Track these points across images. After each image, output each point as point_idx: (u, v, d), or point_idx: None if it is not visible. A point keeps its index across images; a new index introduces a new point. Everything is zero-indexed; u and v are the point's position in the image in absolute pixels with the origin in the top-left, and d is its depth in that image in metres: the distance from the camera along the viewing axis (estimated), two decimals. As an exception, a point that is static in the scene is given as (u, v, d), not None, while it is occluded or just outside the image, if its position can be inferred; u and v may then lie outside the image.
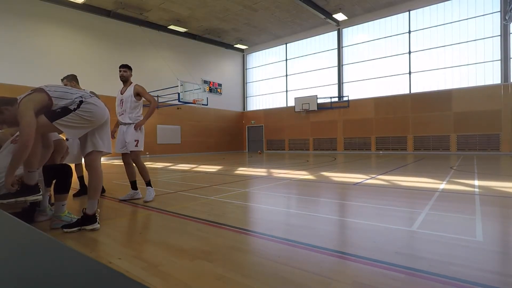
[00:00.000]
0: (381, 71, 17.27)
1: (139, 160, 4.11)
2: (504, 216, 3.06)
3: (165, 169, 9.06)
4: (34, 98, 2.37)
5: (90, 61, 14.79)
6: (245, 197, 4.29)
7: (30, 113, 2.30)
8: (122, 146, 4.09)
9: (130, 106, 4.06)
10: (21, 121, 2.27)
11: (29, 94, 2.40)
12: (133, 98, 4.07)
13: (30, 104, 2.32)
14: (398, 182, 5.49)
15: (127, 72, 4.16)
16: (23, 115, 2.28)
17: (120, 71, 4.14)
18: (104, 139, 2.75)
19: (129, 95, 4.07)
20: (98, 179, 2.72)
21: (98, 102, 2.67)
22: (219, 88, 21.44)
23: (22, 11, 12.74)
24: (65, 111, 2.47)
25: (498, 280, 1.64)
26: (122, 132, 4.11)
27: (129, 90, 4.10)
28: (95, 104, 2.60)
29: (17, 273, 0.60)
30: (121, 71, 4.14)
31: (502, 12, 13.67)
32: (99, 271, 0.60)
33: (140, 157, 4.15)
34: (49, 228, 2.73)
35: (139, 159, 4.12)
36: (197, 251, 2.13)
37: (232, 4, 15.38)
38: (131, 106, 4.06)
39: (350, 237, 2.49)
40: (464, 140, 14.70)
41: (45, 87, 2.50)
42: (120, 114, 4.13)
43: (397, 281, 1.64)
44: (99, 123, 2.66)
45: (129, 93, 4.08)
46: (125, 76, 4.15)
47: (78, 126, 2.53)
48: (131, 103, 4.06)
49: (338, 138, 18.70)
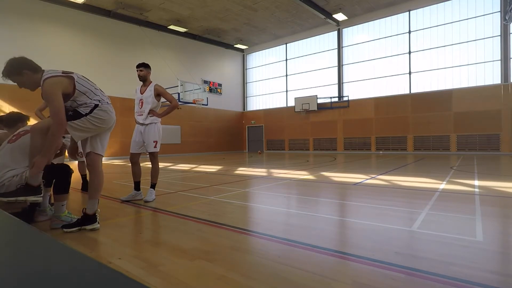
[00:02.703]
0: (381, 71, 17.27)
1: (156, 161, 4.07)
2: (504, 216, 3.06)
3: (165, 169, 9.06)
4: (63, 82, 2.41)
5: (90, 61, 14.79)
6: (245, 197, 4.29)
7: (59, 96, 2.34)
8: (140, 146, 4.00)
9: (151, 106, 3.96)
10: (52, 104, 2.31)
11: (58, 76, 2.42)
12: (154, 99, 3.97)
13: (59, 87, 2.37)
14: (398, 182, 5.49)
15: (144, 71, 4.02)
16: (53, 98, 2.31)
17: (137, 70, 4.03)
18: (104, 144, 2.79)
19: (149, 95, 3.97)
20: (98, 179, 2.74)
21: (111, 110, 2.71)
22: (219, 88, 21.44)
23: (22, 11, 12.75)
24: (76, 115, 2.51)
25: (498, 280, 1.64)
26: (140, 133, 4.00)
27: (149, 90, 3.99)
28: (107, 111, 2.65)
29: (17, 273, 0.60)
30: (138, 71, 4.03)
31: (502, 12, 13.67)
32: (99, 271, 0.60)
33: (158, 158, 4.12)
34: (49, 228, 2.72)
35: (156, 160, 4.07)
36: (197, 251, 2.13)
37: (232, 4, 15.38)
38: (151, 107, 3.97)
39: (350, 237, 2.49)
40: (464, 140, 14.70)
41: (76, 76, 2.52)
42: (139, 114, 4.02)
43: (397, 281, 1.64)
44: (104, 130, 2.72)
45: (149, 93, 3.98)
46: (142, 75, 4.03)
47: (85, 130, 2.57)
48: (152, 104, 3.97)
49: (338, 138, 18.70)
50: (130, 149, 4.10)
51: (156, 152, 4.03)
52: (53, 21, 13.65)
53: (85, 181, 4.85)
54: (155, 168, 4.09)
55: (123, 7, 14.96)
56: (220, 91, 21.48)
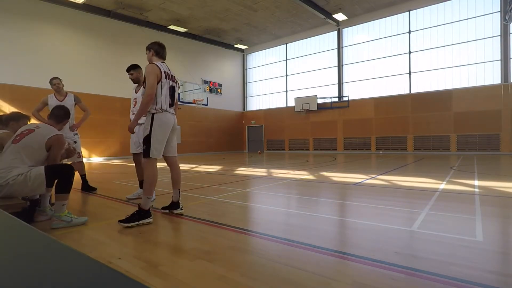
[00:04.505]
0: (381, 71, 17.27)
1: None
2: (504, 216, 3.06)
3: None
4: (157, 74, 3.00)
5: (90, 61, 14.79)
6: (245, 197, 4.29)
7: (154, 78, 2.95)
8: (137, 146, 4.06)
9: None
10: (147, 79, 2.95)
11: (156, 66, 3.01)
12: None
13: (155, 71, 2.98)
14: (398, 182, 5.49)
15: (134, 74, 4.07)
16: (149, 76, 2.95)
17: (128, 75, 4.09)
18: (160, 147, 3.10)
19: (142, 95, 4.02)
20: (147, 178, 2.98)
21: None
22: (219, 88, 21.44)
23: (22, 11, 12.74)
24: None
25: (498, 280, 1.64)
26: (136, 133, 4.06)
27: (143, 89, 4.04)
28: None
29: (17, 273, 0.60)
30: (129, 75, 4.09)
31: (502, 12, 13.67)
32: (99, 271, 0.60)
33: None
34: (49, 228, 2.73)
35: None
36: (197, 251, 2.13)
37: (232, 4, 15.38)
38: None
39: (350, 237, 2.49)
40: (464, 140, 14.70)
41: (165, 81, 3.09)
42: (133, 113, 4.07)
43: (397, 281, 1.64)
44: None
45: (142, 92, 4.02)
46: (133, 78, 4.09)
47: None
48: None
49: (338, 138, 18.70)
50: (130, 149, 4.18)
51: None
52: (53, 21, 13.64)
53: (85, 181, 4.87)
54: None
55: (123, 7, 14.96)
56: (220, 91, 21.47)
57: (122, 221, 2.79)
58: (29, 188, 2.61)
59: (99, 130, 14.65)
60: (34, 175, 2.60)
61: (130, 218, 2.81)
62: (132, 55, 16.39)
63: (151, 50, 3.18)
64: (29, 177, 2.58)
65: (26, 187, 2.59)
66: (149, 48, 3.19)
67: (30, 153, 2.70)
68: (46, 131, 2.83)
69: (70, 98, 4.69)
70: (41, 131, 2.81)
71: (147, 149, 2.95)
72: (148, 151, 2.95)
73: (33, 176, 2.59)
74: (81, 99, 4.85)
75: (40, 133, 2.79)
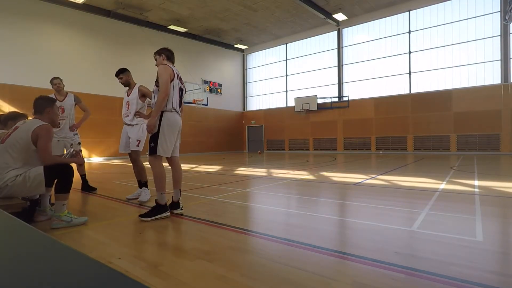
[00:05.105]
0: (381, 71, 17.26)
1: (139, 159, 4.18)
2: (504, 216, 3.06)
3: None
4: (170, 73, 3.12)
5: (90, 61, 14.79)
6: (245, 197, 4.29)
7: (168, 77, 3.05)
8: (126, 146, 4.14)
9: (136, 108, 4.07)
10: (161, 78, 3.04)
11: (169, 66, 3.17)
12: (139, 100, 4.10)
13: (168, 71, 3.10)
14: (398, 182, 5.49)
15: (123, 78, 4.14)
16: (162, 74, 3.05)
17: (118, 79, 4.17)
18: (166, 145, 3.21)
19: (135, 97, 4.09)
20: (155, 176, 3.12)
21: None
22: (219, 88, 21.43)
23: (22, 11, 12.74)
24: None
25: (498, 280, 1.64)
26: (126, 133, 4.15)
27: (134, 92, 4.12)
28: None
29: (17, 273, 0.60)
30: (118, 80, 4.17)
31: (502, 12, 13.67)
32: (99, 271, 0.60)
33: (140, 157, 4.19)
34: (49, 228, 2.73)
35: (139, 159, 4.19)
36: (197, 251, 2.13)
37: (232, 4, 15.38)
38: (137, 108, 4.08)
39: (350, 237, 2.49)
40: (464, 140, 14.70)
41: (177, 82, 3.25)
42: (126, 115, 4.15)
43: (397, 281, 1.64)
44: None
45: (134, 95, 4.10)
46: (123, 82, 4.17)
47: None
48: (137, 105, 4.09)
49: (338, 138, 18.70)
50: (119, 149, 4.27)
51: (139, 151, 4.12)
52: (53, 21, 13.63)
53: (85, 181, 4.88)
54: (139, 166, 4.17)
55: (123, 7, 14.96)
56: (220, 91, 21.47)
57: (142, 216, 2.98)
58: (29, 189, 2.60)
59: (99, 130, 14.65)
60: (33, 175, 2.59)
61: (149, 213, 2.99)
62: (132, 55, 16.40)
63: (162, 55, 3.31)
64: (28, 177, 2.58)
65: (25, 187, 2.58)
66: (160, 53, 3.32)
67: (18, 150, 2.63)
68: (29, 125, 2.73)
69: (70, 98, 4.70)
70: (24, 126, 2.72)
71: (154, 146, 3.03)
72: (155, 148, 3.03)
73: (32, 176, 2.59)
74: (81, 99, 4.85)
75: (24, 128, 2.70)
